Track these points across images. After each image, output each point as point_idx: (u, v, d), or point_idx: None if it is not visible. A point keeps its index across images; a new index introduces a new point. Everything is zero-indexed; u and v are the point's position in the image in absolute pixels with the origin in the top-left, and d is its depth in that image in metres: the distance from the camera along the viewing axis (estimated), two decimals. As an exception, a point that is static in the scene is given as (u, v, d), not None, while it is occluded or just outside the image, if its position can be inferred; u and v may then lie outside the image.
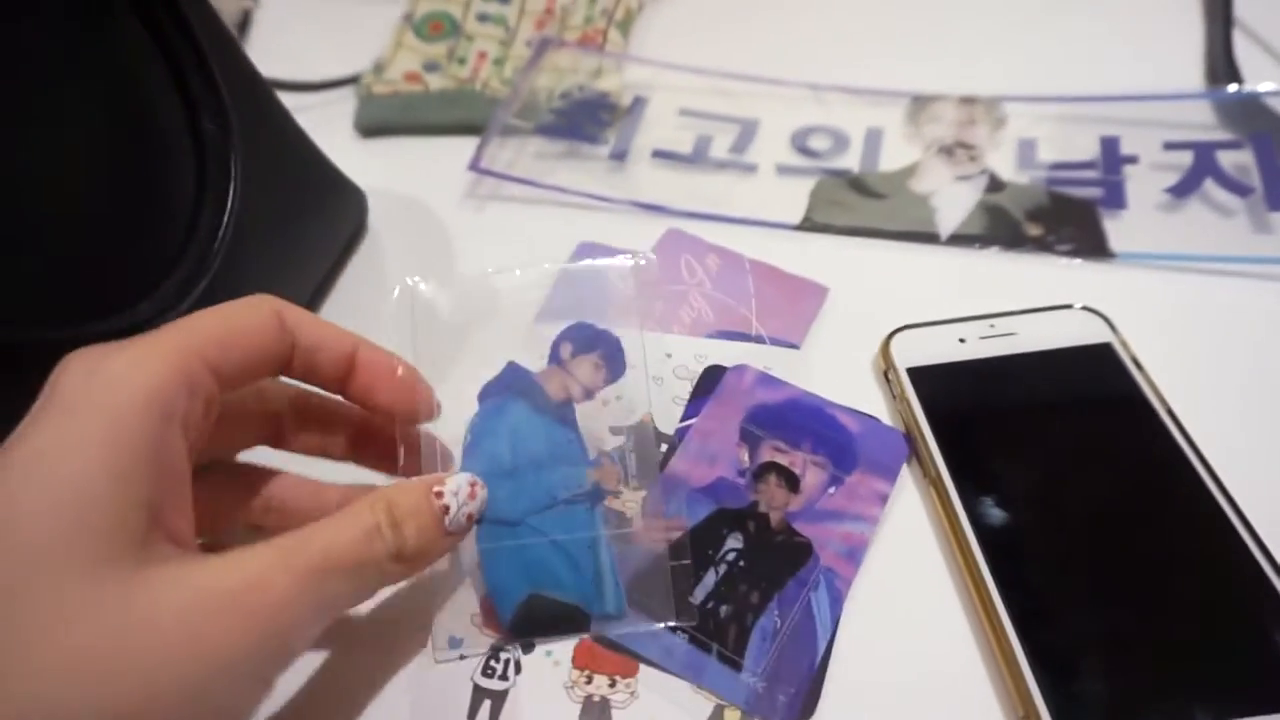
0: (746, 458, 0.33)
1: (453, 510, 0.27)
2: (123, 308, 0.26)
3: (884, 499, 0.32)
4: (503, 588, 0.30)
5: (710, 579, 0.31)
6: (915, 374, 0.34)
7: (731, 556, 0.31)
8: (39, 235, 0.25)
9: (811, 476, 0.33)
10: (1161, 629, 0.27)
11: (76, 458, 0.21)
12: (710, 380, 0.36)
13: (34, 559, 0.20)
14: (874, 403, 0.35)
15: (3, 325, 0.24)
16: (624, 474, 0.31)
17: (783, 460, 0.33)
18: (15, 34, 0.25)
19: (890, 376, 0.35)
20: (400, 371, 0.29)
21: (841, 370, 0.36)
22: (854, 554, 0.31)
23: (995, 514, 0.30)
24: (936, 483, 0.31)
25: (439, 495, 0.26)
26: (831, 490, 0.32)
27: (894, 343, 0.35)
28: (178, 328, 0.24)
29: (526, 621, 0.30)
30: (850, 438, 0.33)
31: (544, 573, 0.30)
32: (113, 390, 0.22)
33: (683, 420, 0.35)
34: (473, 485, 0.27)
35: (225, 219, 0.29)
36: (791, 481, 0.33)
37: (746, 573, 0.31)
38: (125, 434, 0.21)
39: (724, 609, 0.30)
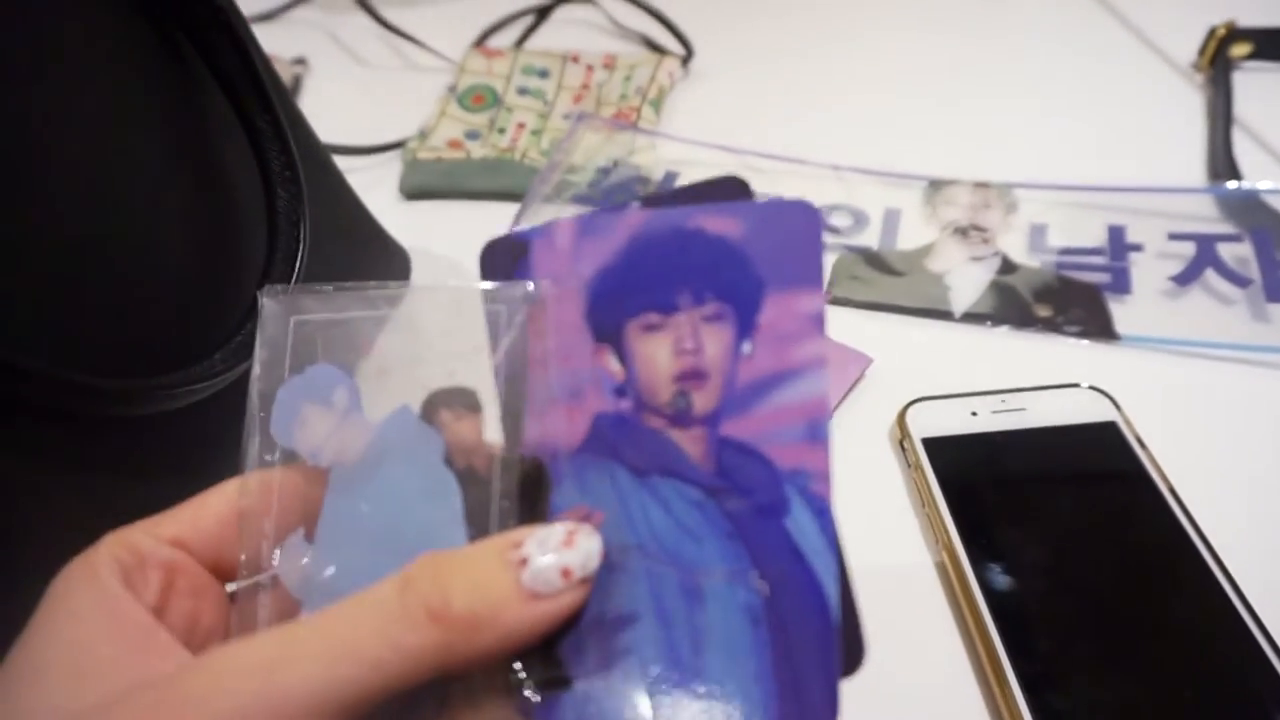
0: (617, 365, 0.22)
1: (534, 563, 0.19)
2: (198, 359, 0.29)
3: (819, 320, 0.20)
4: None
5: None
6: (930, 444, 0.36)
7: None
8: (130, 290, 0.28)
9: (713, 342, 0.21)
10: (1161, 699, 0.29)
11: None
12: (504, 267, 0.23)
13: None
14: (890, 471, 0.37)
15: (86, 371, 0.26)
16: None
17: (663, 338, 0.22)
18: (110, 108, 0.28)
19: (905, 446, 0.37)
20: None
21: (857, 438, 0.38)
22: (816, 429, 0.20)
23: (1005, 581, 0.32)
24: (949, 549, 0.33)
25: (516, 546, 0.20)
26: (746, 347, 0.21)
27: (909, 414, 0.37)
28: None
29: None
30: (736, 254, 0.21)
31: None
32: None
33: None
34: (570, 533, 0.20)
35: (294, 279, 0.31)
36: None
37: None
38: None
39: None
